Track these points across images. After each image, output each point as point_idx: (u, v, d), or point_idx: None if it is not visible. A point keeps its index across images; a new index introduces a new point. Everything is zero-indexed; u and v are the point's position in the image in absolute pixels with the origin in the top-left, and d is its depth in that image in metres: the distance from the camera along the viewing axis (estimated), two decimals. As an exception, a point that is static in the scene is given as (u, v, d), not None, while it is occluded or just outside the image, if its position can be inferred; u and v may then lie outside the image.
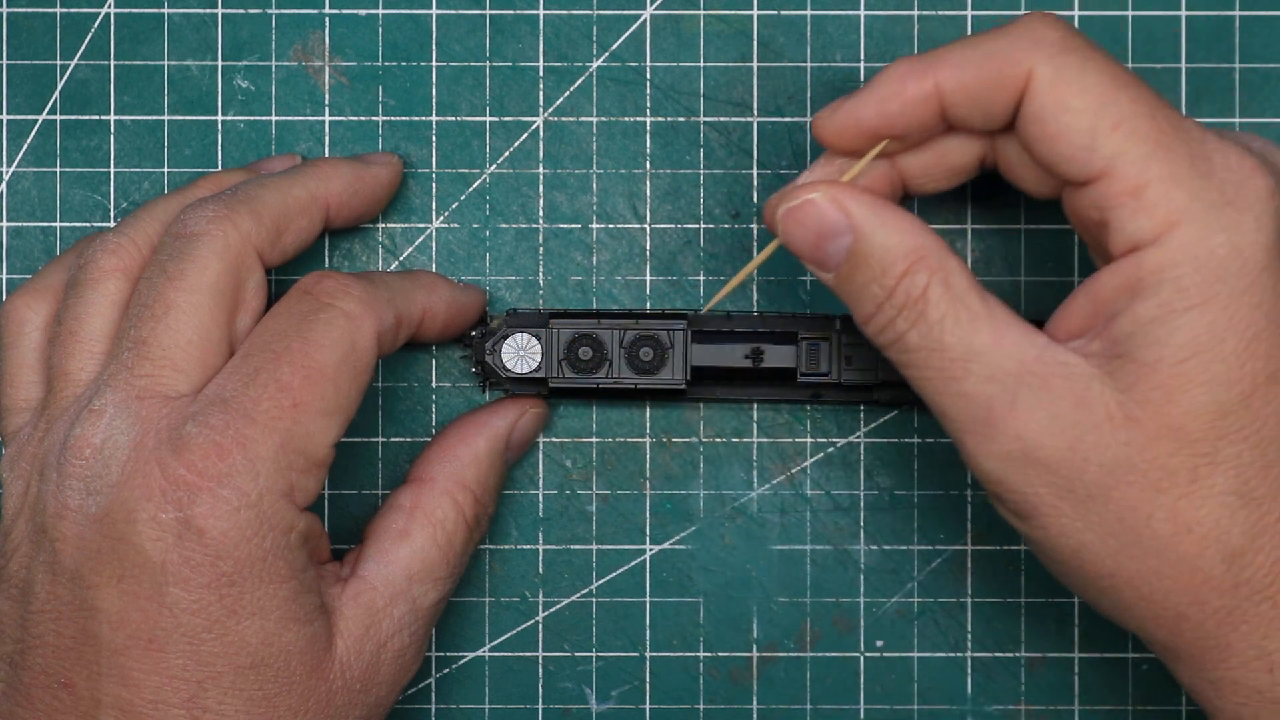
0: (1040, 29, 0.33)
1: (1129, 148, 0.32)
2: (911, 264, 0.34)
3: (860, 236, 0.35)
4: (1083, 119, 0.33)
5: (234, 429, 0.35)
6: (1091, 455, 0.33)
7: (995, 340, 0.34)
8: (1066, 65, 0.33)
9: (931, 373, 0.34)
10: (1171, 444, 0.32)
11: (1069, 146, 0.33)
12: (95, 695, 0.35)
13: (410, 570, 0.39)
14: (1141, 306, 0.32)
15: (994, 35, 0.34)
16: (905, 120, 0.35)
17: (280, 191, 0.39)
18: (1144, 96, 0.33)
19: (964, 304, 0.34)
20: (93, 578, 0.35)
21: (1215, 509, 0.33)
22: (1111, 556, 0.34)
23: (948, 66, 0.34)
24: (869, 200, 0.35)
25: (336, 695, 0.37)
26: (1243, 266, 0.32)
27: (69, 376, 0.38)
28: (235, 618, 0.35)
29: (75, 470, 0.36)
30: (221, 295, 0.37)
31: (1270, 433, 0.32)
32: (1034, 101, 0.33)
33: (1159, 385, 0.32)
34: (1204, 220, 0.32)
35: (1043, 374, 0.33)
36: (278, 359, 0.36)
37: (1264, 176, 0.32)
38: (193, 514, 0.35)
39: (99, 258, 0.38)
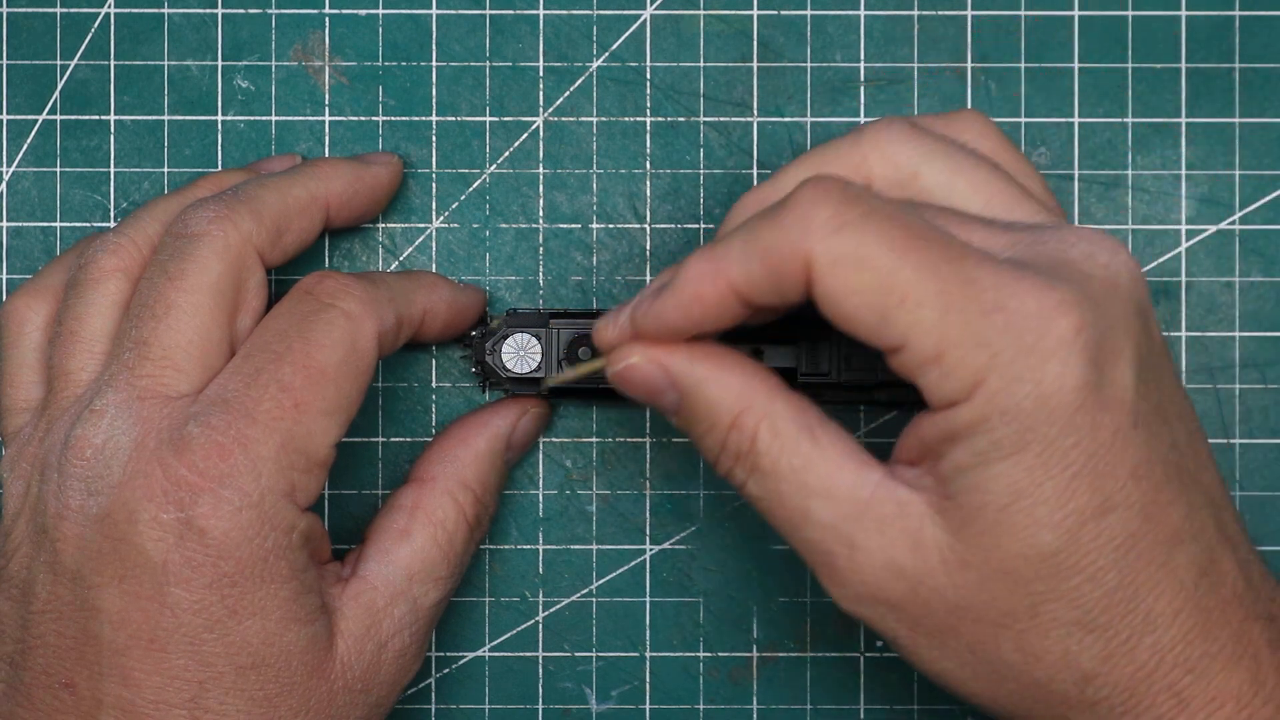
0: (809, 209, 0.32)
1: (918, 318, 0.31)
2: (738, 416, 0.34)
3: (684, 394, 0.35)
4: (868, 298, 0.32)
5: (235, 429, 0.35)
6: (932, 598, 0.33)
7: (828, 482, 0.33)
8: (841, 244, 0.31)
9: (776, 520, 0.34)
10: (1005, 585, 0.32)
11: (864, 326, 0.32)
12: (96, 695, 0.35)
13: (411, 570, 0.39)
14: (959, 454, 0.32)
15: (769, 223, 0.33)
16: (712, 319, 0.34)
17: (280, 192, 0.39)
18: (927, 256, 0.31)
19: (794, 449, 0.34)
20: (94, 578, 0.35)
21: (1061, 639, 0.33)
22: (972, 680, 0.34)
23: (734, 265, 0.33)
24: (687, 355, 0.35)
25: (337, 695, 0.37)
26: (1052, 413, 0.31)
27: (69, 376, 0.38)
28: (236, 618, 0.35)
29: (76, 470, 0.36)
30: (222, 295, 0.37)
31: (1107, 561, 0.32)
32: (818, 288, 0.32)
33: (985, 531, 0.32)
34: (1006, 374, 0.31)
35: (878, 515, 0.33)
36: (279, 359, 0.36)
37: (1066, 314, 0.31)
38: (194, 514, 0.35)
39: (99, 258, 0.38)
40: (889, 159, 0.36)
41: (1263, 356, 0.44)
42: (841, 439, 0.34)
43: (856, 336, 0.32)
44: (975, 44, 0.44)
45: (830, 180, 0.33)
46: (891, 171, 0.36)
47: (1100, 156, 0.44)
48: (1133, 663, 0.33)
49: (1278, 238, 0.44)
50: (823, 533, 0.34)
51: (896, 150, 0.36)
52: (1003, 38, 0.44)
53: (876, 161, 0.36)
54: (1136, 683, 0.33)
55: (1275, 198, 0.44)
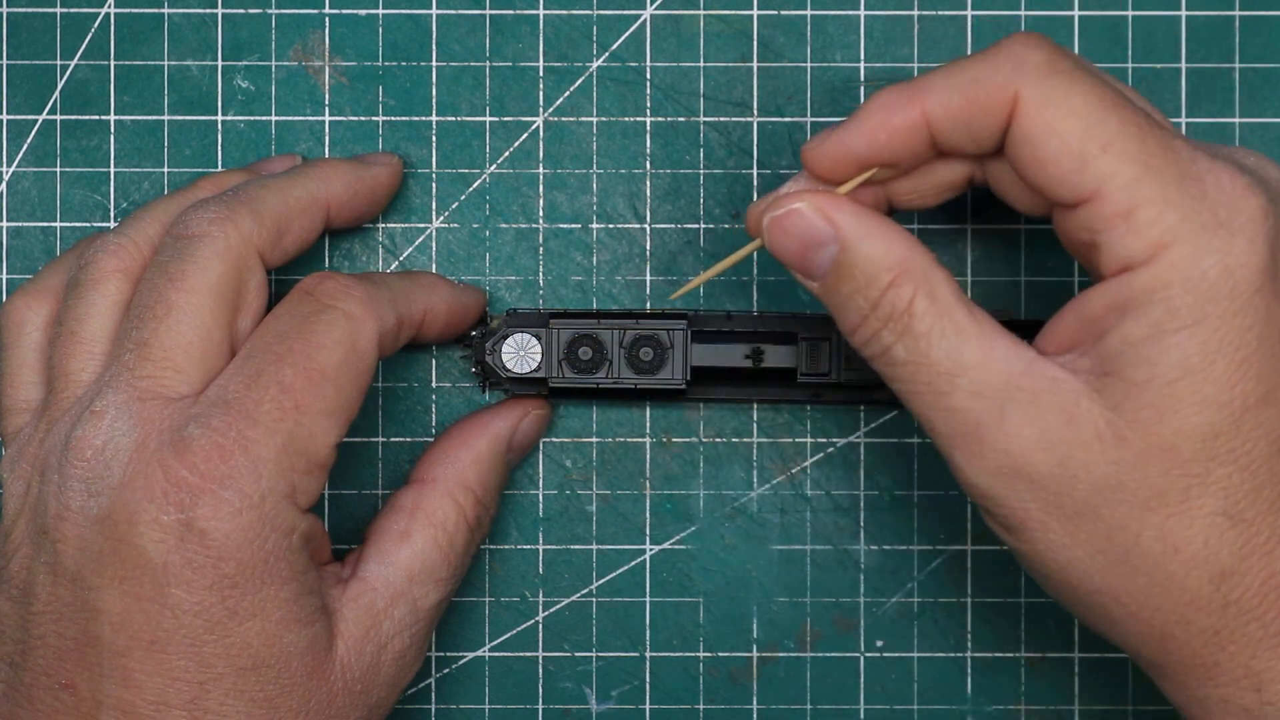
0: (1023, 51, 0.33)
1: (1118, 170, 0.32)
2: (897, 276, 0.34)
3: (845, 247, 0.34)
4: (1071, 142, 0.32)
5: (236, 430, 0.35)
6: (1080, 473, 0.33)
7: (982, 354, 0.33)
8: (1053, 88, 0.33)
9: (919, 387, 0.34)
10: (1161, 464, 0.32)
11: (1058, 170, 0.33)
12: (97, 696, 0.35)
13: (411, 571, 0.39)
14: (1131, 326, 0.32)
15: (977, 60, 0.34)
16: (894, 150, 0.35)
17: (281, 192, 0.39)
18: (1133, 117, 0.32)
19: (950, 317, 0.34)
20: (94, 579, 0.35)
21: (1204, 529, 0.33)
22: (1099, 573, 0.34)
23: (933, 94, 0.34)
24: (854, 210, 0.35)
25: (337, 696, 0.37)
26: (1234, 288, 0.32)
27: (70, 377, 0.38)
28: (237, 619, 0.35)
29: (77, 471, 0.36)
30: (223, 296, 0.37)
31: (1260, 454, 0.32)
32: (1021, 126, 0.33)
33: (1149, 405, 0.32)
34: (1195, 242, 0.32)
35: (1031, 389, 0.33)
36: (279, 360, 0.36)
37: (1257, 196, 0.32)
38: (195, 515, 0.35)
39: (100, 258, 0.38)
40: None
41: (1263, 356, 0.44)
42: (994, 320, 0.34)
43: (1044, 183, 0.33)
44: (975, 44, 0.44)
45: (1041, 35, 0.33)
46: None
47: (1100, 156, 0.44)
48: (1268, 567, 0.33)
49: (1278, 238, 0.44)
50: (972, 402, 0.33)
51: None
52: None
53: None
54: (1268, 590, 0.33)
55: (1275, 198, 0.44)
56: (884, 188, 0.37)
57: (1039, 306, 0.44)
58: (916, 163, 0.36)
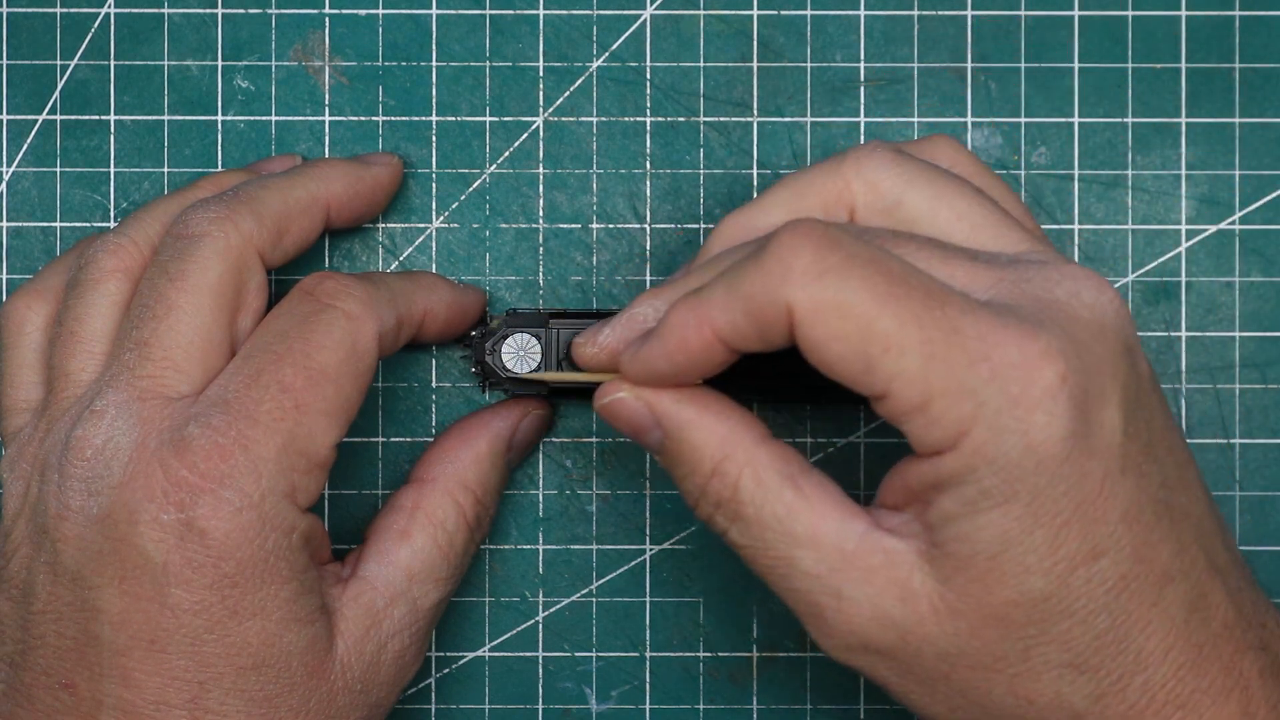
0: (790, 256, 0.31)
1: (903, 367, 0.31)
2: (718, 463, 0.34)
3: (668, 435, 0.35)
4: (851, 345, 0.31)
5: (236, 430, 0.35)
6: (923, 646, 0.33)
7: (813, 532, 0.33)
8: (822, 292, 0.31)
9: (761, 568, 0.34)
10: (997, 631, 0.32)
11: (846, 373, 0.32)
12: (97, 696, 0.35)
13: (411, 571, 0.39)
14: (948, 503, 0.32)
15: (749, 270, 0.32)
16: (699, 368, 0.34)
17: (281, 192, 0.39)
18: (911, 304, 0.31)
19: (778, 498, 0.34)
20: (94, 579, 0.35)
21: (1052, 682, 0.33)
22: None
23: (718, 313, 0.33)
24: (674, 397, 0.34)
25: (337, 696, 0.37)
26: (1039, 463, 0.31)
27: (70, 377, 0.38)
28: (237, 619, 0.35)
29: (77, 471, 0.36)
30: (223, 296, 0.37)
31: (1098, 604, 0.32)
32: (801, 336, 0.32)
33: (975, 579, 0.32)
34: (992, 424, 0.31)
35: (864, 566, 0.33)
36: (279, 360, 0.36)
37: (1052, 363, 0.31)
38: (195, 515, 0.35)
39: (100, 258, 0.38)
40: (872, 185, 0.36)
41: (1263, 356, 0.44)
42: (825, 488, 0.34)
43: (841, 382, 0.32)
44: (975, 44, 0.44)
45: (810, 223, 0.32)
46: (875, 199, 0.36)
47: (1100, 156, 0.44)
48: (1124, 701, 0.33)
49: (1278, 238, 0.44)
50: (809, 583, 0.33)
51: (880, 177, 0.36)
52: (1003, 38, 0.44)
53: (860, 188, 0.36)
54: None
55: (1275, 198, 0.44)
56: None
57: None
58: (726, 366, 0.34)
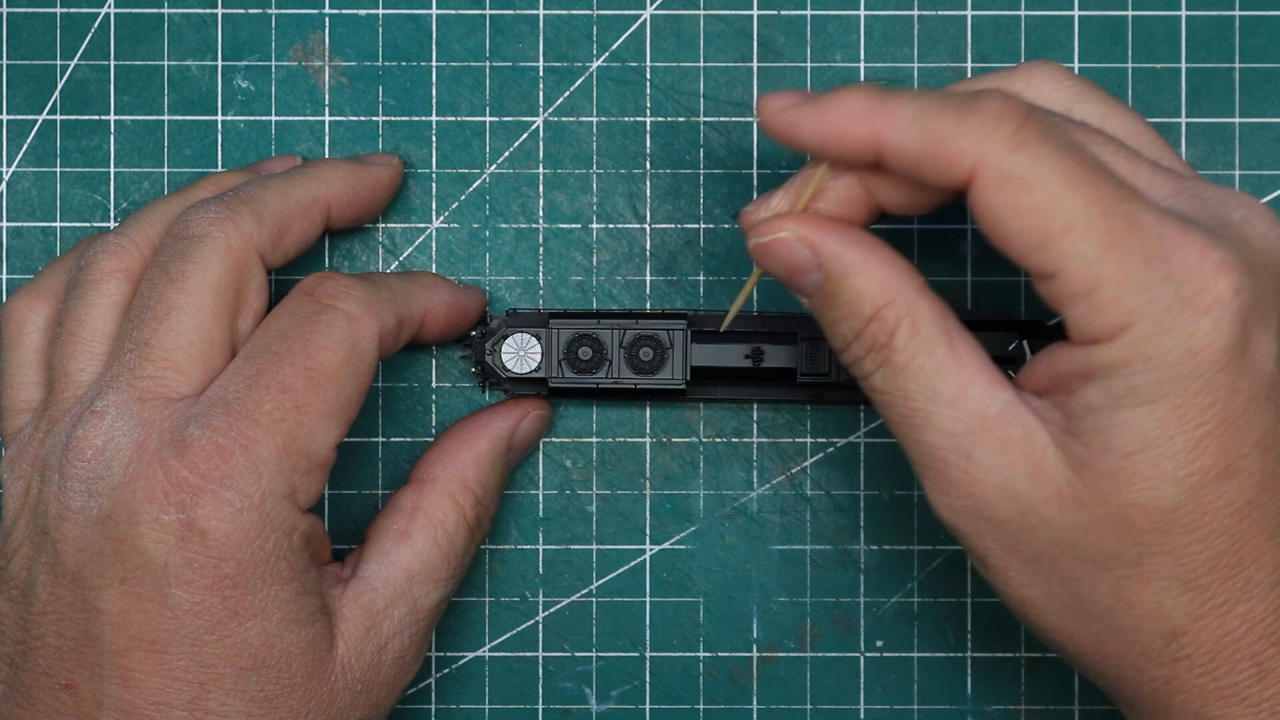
0: (992, 123, 0.32)
1: (1081, 250, 0.31)
2: (880, 308, 0.34)
3: (829, 277, 0.34)
4: (1032, 220, 0.32)
5: (237, 430, 0.35)
6: (1039, 527, 0.33)
7: (958, 391, 0.33)
8: (1016, 164, 0.31)
9: (895, 416, 0.34)
10: (1116, 530, 0.33)
11: (1019, 246, 0.32)
12: (97, 697, 0.35)
13: (411, 571, 0.39)
14: (1094, 394, 0.32)
15: (948, 114, 0.32)
16: (839, 154, 0.34)
17: (281, 193, 0.39)
18: (1098, 193, 0.32)
19: (930, 352, 0.34)
20: (94, 579, 0.35)
21: (1157, 592, 0.33)
22: (1055, 614, 0.34)
23: (896, 127, 0.33)
24: (839, 239, 0.34)
25: (338, 696, 0.37)
26: (1196, 368, 0.31)
27: (70, 378, 0.38)
28: (237, 619, 0.35)
29: (77, 472, 0.36)
30: (223, 297, 0.37)
31: (1220, 525, 0.32)
32: (983, 199, 0.32)
33: (1106, 474, 0.32)
34: (1157, 322, 0.31)
35: (1002, 435, 0.33)
36: (280, 360, 0.36)
37: (1227, 275, 0.32)
38: (195, 515, 0.35)
39: (100, 259, 0.38)
40: (1042, 94, 0.36)
41: (1263, 356, 0.44)
42: (977, 353, 0.34)
43: (1007, 253, 0.32)
44: (975, 44, 0.44)
45: (1017, 99, 0.32)
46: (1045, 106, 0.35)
47: (1100, 156, 0.44)
48: (1222, 627, 0.33)
49: (1278, 238, 0.44)
50: (942, 439, 0.34)
51: (1051, 88, 0.36)
52: (1003, 38, 0.44)
53: (1031, 96, 0.36)
54: (1222, 647, 0.33)
55: (1275, 198, 0.44)
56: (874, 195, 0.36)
57: (1040, 307, 0.44)
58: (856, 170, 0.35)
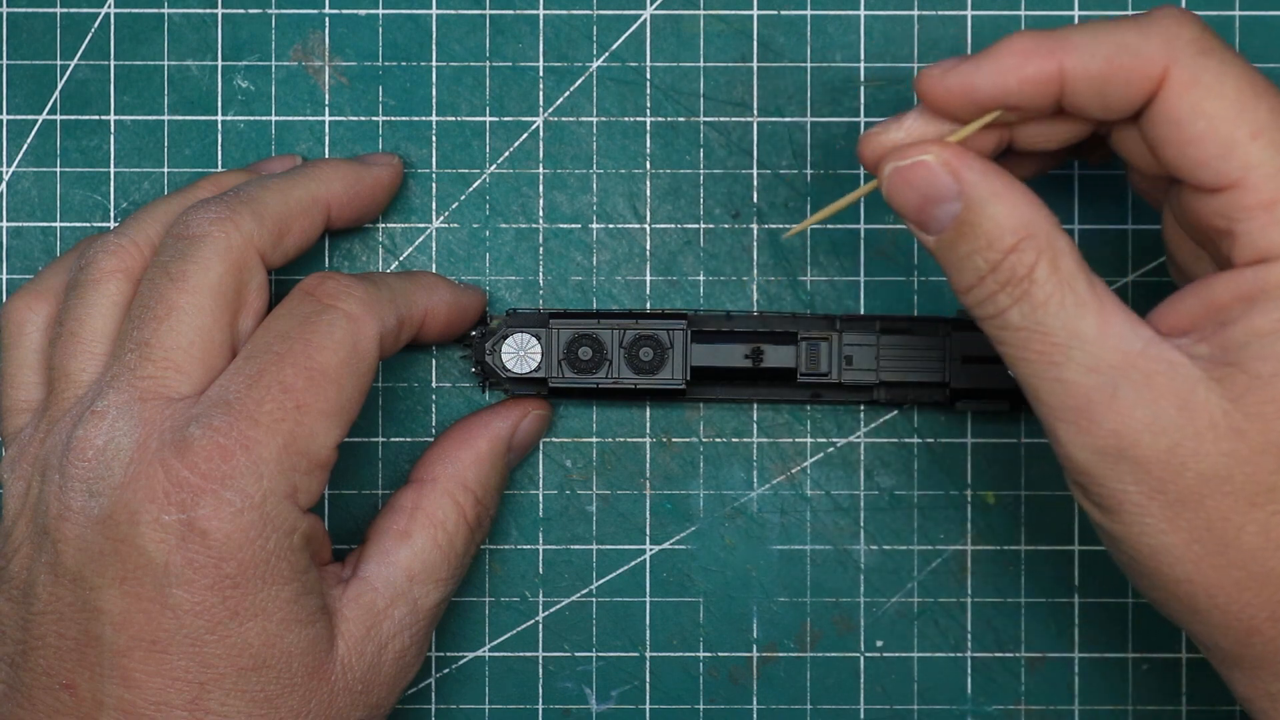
0: (1175, 26, 0.32)
1: (1266, 159, 0.31)
2: (1020, 240, 0.33)
3: (970, 205, 0.33)
4: (1220, 125, 0.32)
5: (237, 430, 0.35)
6: (1189, 461, 0.32)
7: (1100, 328, 0.33)
8: (1205, 68, 0.32)
9: (1031, 354, 0.33)
10: (1276, 461, 0.32)
11: (1203, 153, 0.32)
12: (97, 697, 0.35)
13: (411, 571, 0.39)
14: (1260, 318, 0.32)
15: (1125, 26, 0.32)
16: (1020, 98, 0.33)
17: (282, 193, 0.39)
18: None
19: (1071, 287, 0.33)
20: (95, 579, 0.35)
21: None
22: (1193, 562, 0.33)
23: (1075, 51, 0.32)
24: (982, 168, 0.33)
25: (338, 696, 0.37)
26: None
27: (70, 378, 0.38)
28: (238, 619, 0.35)
29: (78, 472, 0.36)
30: (224, 297, 0.37)
31: None
32: (1168, 103, 0.32)
33: (1271, 400, 0.31)
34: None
35: (1147, 370, 0.32)
36: (280, 360, 0.36)
37: None
38: (196, 515, 0.35)
39: (100, 259, 0.38)
40: None
41: (1263, 356, 0.44)
42: (1113, 294, 0.33)
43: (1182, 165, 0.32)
44: (975, 44, 0.44)
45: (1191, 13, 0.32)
46: None
47: (1100, 156, 0.44)
48: None
49: (1278, 238, 0.44)
50: (1084, 376, 0.33)
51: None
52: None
53: None
54: None
55: (1275, 198, 0.44)
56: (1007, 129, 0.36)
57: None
58: (1038, 116, 0.34)
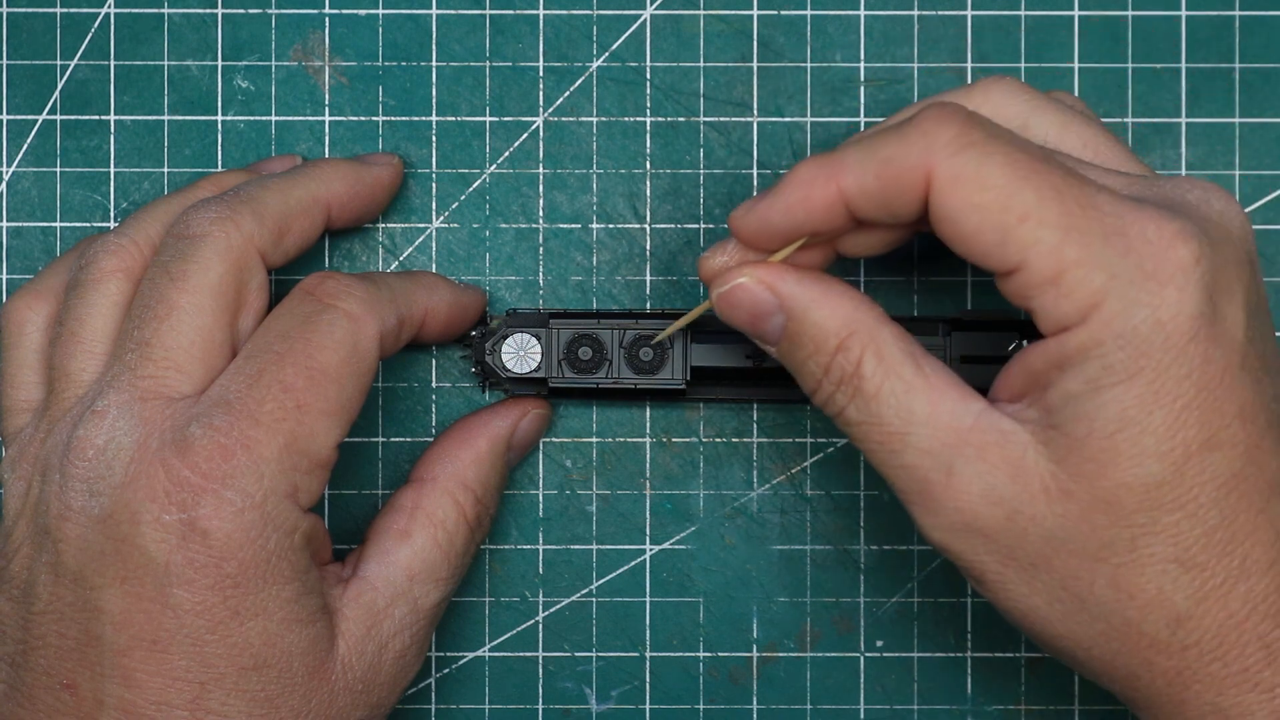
0: (934, 127, 0.33)
1: (1040, 237, 0.32)
2: (844, 339, 0.35)
3: (792, 316, 0.35)
4: (989, 216, 0.32)
5: (238, 430, 0.35)
6: (1029, 526, 0.33)
7: (931, 409, 0.34)
8: (965, 163, 0.32)
9: (873, 445, 0.35)
10: (1106, 516, 0.33)
11: (981, 244, 0.33)
12: (98, 696, 0.35)
13: (411, 570, 0.39)
14: (1070, 381, 0.32)
15: (890, 137, 0.33)
16: (814, 224, 0.35)
17: (282, 192, 0.39)
18: (1051, 180, 0.32)
19: (898, 375, 0.34)
20: (96, 579, 0.35)
21: (1156, 576, 0.33)
22: (1060, 620, 0.34)
23: (848, 172, 0.34)
24: (797, 279, 0.35)
25: (338, 696, 0.37)
26: (1167, 340, 0.32)
27: (71, 377, 0.38)
28: (239, 619, 0.35)
29: (78, 472, 0.36)
30: (224, 296, 0.37)
31: (1208, 498, 0.32)
32: (939, 204, 0.33)
33: (1090, 459, 0.32)
34: (1124, 297, 0.32)
35: (979, 443, 0.33)
36: (281, 360, 0.36)
37: (1186, 243, 0.32)
38: (197, 515, 0.35)
39: (100, 258, 0.39)
40: (999, 110, 0.37)
41: (1262, 356, 0.44)
42: (944, 370, 0.35)
43: (971, 256, 0.33)
44: (975, 44, 0.44)
45: (955, 105, 0.33)
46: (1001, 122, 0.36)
47: (1100, 156, 0.44)
48: (1225, 608, 0.33)
49: (1278, 238, 0.44)
50: (921, 459, 0.34)
51: (1006, 101, 0.37)
52: (1003, 38, 0.44)
53: (988, 112, 0.37)
54: (1227, 630, 0.33)
55: (1275, 198, 0.45)
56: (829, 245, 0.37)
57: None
58: (841, 233, 0.36)
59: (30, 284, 0.41)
